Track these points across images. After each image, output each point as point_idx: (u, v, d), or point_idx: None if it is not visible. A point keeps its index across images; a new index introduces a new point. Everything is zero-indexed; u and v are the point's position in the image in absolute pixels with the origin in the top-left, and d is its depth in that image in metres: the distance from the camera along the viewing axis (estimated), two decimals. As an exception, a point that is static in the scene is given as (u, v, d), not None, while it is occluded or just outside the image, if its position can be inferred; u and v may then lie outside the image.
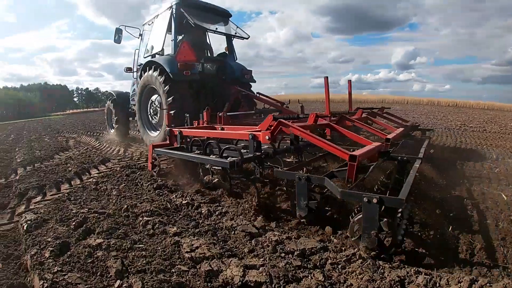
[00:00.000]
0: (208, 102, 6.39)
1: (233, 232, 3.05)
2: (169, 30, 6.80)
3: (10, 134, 17.59)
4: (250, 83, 7.57)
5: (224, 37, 7.90)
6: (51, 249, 2.75)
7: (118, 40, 8.35)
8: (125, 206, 3.56)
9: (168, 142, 4.89)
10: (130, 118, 9.25)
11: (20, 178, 5.74)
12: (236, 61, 7.78)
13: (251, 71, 7.50)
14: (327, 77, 4.57)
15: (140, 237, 2.91)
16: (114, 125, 9.79)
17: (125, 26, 8.24)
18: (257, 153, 3.40)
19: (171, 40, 6.70)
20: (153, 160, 5.01)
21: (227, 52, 7.91)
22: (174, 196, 4.08)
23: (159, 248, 2.72)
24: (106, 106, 10.37)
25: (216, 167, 3.84)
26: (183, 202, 3.76)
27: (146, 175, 5.12)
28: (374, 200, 2.16)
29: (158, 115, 6.79)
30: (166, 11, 6.95)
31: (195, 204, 3.71)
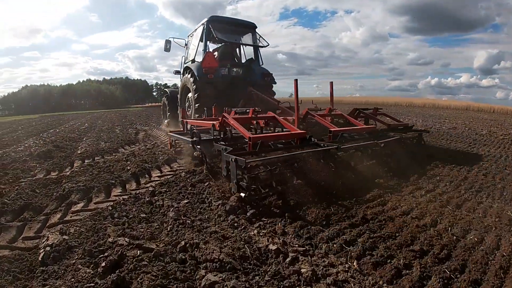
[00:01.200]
0: (230, 100, 8.13)
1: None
2: (201, 41, 9.03)
3: (85, 123, 19.08)
4: (272, 84, 9.58)
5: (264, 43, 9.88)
6: (56, 313, 1.79)
7: (168, 49, 10.74)
8: (183, 242, 2.44)
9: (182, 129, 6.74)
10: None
11: (71, 174, 5.29)
12: (262, 65, 9.72)
13: (271, 74, 9.53)
14: (296, 79, 5.61)
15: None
16: (167, 116, 12.05)
17: (173, 38, 10.69)
18: (217, 137, 5.19)
19: (202, 50, 8.89)
20: (172, 145, 6.88)
21: (253, 58, 9.87)
22: (255, 231, 2.83)
23: None
24: (162, 101, 13.19)
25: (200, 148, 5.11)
26: (271, 247, 2.48)
27: (216, 187, 4.08)
28: (233, 159, 3.62)
29: (191, 108, 8.74)
30: (200, 26, 9.23)
31: (290, 253, 2.40)
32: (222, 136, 5.25)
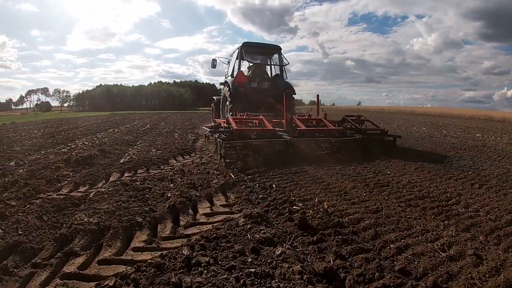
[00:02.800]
0: (256, 107, 10.40)
1: None
2: (237, 60, 11.40)
3: (148, 123, 18.82)
4: (293, 95, 11.47)
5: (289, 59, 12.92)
6: None
7: (214, 66, 13.38)
8: None
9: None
10: None
11: (95, 196, 4.13)
12: (286, 79, 11.80)
13: (291, 85, 11.56)
14: (284, 93, 8.69)
15: None
16: (215, 119, 14.06)
17: (218, 57, 13.48)
18: (226, 129, 7.75)
19: (237, 69, 11.21)
20: (206, 135, 9.85)
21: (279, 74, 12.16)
22: None
23: None
24: (211, 106, 15.49)
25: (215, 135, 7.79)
26: None
27: (294, 256, 2.44)
28: (219, 141, 6.60)
29: (228, 113, 10.63)
30: (236, 49, 11.68)
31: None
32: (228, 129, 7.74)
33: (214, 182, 4.61)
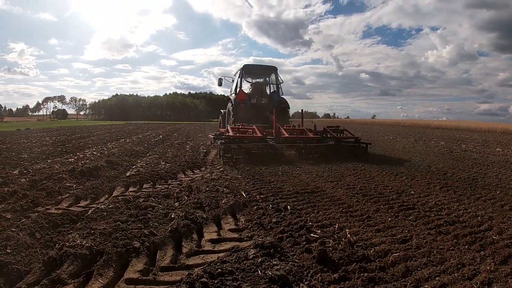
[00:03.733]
0: (255, 120, 12.19)
1: None
2: (239, 78, 13.59)
3: (160, 134, 18.70)
4: (287, 109, 13.65)
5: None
6: None
7: (220, 84, 15.54)
8: None
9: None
10: None
11: (93, 213, 3.84)
12: (282, 95, 13.80)
13: (285, 101, 13.56)
14: (274, 107, 10.91)
15: None
16: (218, 129, 15.56)
17: (224, 76, 15.56)
18: (227, 137, 9.73)
19: (239, 87, 13.30)
20: (211, 141, 12.10)
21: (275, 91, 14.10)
22: None
23: None
24: (219, 118, 16.97)
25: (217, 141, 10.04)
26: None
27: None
28: (220, 143, 9.22)
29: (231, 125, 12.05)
30: (238, 71, 13.79)
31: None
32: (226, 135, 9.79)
33: (223, 201, 4.25)
